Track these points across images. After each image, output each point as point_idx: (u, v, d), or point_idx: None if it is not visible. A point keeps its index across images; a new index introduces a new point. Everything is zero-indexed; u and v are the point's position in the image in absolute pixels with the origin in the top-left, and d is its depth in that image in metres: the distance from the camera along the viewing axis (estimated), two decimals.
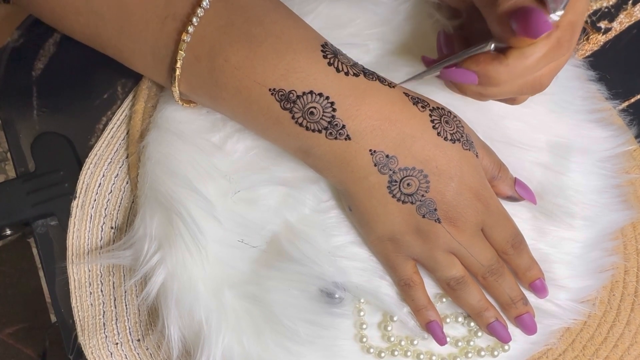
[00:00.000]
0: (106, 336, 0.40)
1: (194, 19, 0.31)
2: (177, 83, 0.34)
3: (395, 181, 0.33)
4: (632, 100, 0.45)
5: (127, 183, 0.42)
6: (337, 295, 0.38)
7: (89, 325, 0.40)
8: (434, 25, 0.40)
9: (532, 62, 0.30)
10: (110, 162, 0.42)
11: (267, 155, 0.39)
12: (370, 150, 0.33)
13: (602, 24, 0.46)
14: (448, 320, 0.38)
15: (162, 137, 0.39)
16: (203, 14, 0.32)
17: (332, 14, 0.41)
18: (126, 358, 0.40)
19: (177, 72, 0.33)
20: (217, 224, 0.38)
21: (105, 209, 0.42)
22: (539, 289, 0.37)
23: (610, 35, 0.46)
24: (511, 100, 0.36)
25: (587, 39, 0.46)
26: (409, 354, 0.38)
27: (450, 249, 0.35)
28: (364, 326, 0.38)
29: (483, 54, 0.31)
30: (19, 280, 0.90)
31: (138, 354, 0.40)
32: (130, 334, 0.40)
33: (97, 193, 0.42)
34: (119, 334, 0.40)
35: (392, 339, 0.38)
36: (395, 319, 0.38)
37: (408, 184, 0.33)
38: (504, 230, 0.36)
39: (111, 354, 0.40)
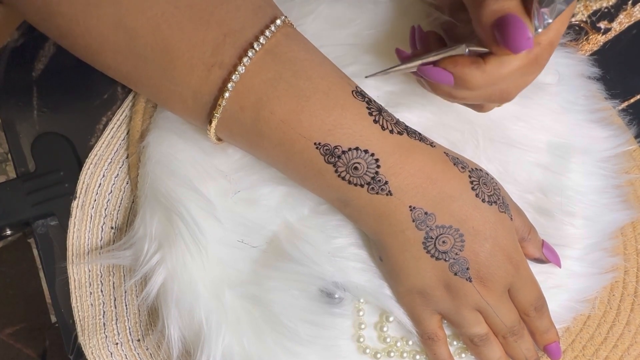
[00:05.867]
0: (106, 336, 0.40)
1: (240, 68, 0.31)
2: (215, 129, 0.34)
3: (431, 238, 0.34)
4: (632, 100, 0.45)
5: (127, 183, 0.42)
6: (337, 295, 0.38)
7: (89, 326, 0.40)
8: (432, 23, 0.40)
9: (508, 73, 0.31)
10: (111, 162, 0.42)
11: None
12: (410, 206, 0.33)
13: (602, 24, 0.46)
14: None
15: (162, 137, 0.39)
16: (249, 64, 0.31)
17: (332, 14, 0.41)
18: (126, 358, 0.40)
19: (217, 119, 0.33)
20: (218, 224, 0.38)
21: (106, 209, 0.42)
22: (554, 352, 0.38)
23: (610, 35, 0.46)
24: (478, 107, 0.36)
25: (587, 39, 0.46)
26: (404, 355, 0.38)
27: (477, 307, 0.36)
28: (362, 326, 0.38)
29: (461, 56, 0.31)
30: (19, 280, 0.90)
31: (138, 354, 0.40)
32: (130, 334, 0.40)
33: (97, 193, 0.42)
34: (119, 334, 0.40)
35: (388, 339, 0.38)
36: (390, 319, 0.38)
37: (443, 242, 0.34)
38: (530, 294, 0.36)
39: (111, 354, 0.40)
